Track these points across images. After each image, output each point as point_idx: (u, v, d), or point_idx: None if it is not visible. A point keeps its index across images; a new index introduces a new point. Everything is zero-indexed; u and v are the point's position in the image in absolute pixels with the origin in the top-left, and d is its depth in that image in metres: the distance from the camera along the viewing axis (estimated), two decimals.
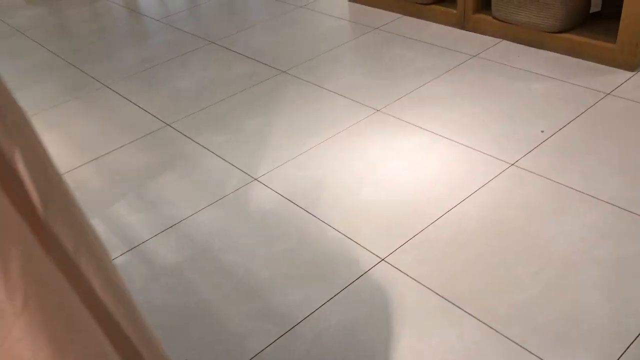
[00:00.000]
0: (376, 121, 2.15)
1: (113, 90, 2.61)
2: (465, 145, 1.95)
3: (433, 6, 2.79)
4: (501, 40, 2.58)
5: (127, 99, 2.53)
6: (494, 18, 2.58)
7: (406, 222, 1.67)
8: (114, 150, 2.19)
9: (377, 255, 1.57)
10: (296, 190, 1.85)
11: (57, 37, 3.29)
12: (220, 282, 1.56)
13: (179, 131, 2.24)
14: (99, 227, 1.81)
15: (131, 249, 1.71)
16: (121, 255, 1.70)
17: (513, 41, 2.55)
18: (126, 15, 3.48)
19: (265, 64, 2.65)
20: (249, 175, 1.95)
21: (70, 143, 2.26)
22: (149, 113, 2.39)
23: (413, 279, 1.49)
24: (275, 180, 1.91)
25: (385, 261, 1.55)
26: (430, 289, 1.46)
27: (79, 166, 2.12)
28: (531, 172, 1.80)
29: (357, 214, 1.73)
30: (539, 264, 1.49)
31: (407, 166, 1.90)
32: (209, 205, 1.84)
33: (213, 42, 2.94)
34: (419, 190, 1.79)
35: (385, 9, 3.01)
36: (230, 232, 1.73)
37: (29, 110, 2.53)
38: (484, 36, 2.63)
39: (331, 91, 2.37)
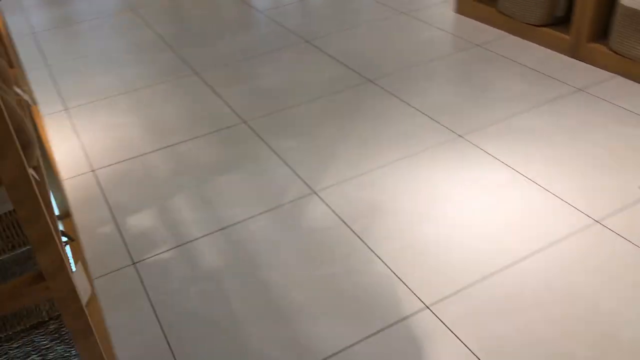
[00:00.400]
0: (455, 148, 2.00)
1: (202, 79, 2.63)
2: (547, 190, 1.76)
3: (544, 29, 2.56)
4: (615, 75, 2.32)
5: (212, 89, 2.54)
6: (611, 50, 2.32)
7: (462, 268, 1.53)
8: (187, 140, 2.20)
9: (422, 301, 1.45)
10: (353, 211, 1.76)
11: (165, 18, 3.39)
12: (254, 298, 1.51)
13: (253, 130, 2.22)
14: (154, 217, 1.82)
15: (178, 246, 1.71)
16: (167, 250, 1.69)
17: (629, 78, 2.27)
18: (234, 4, 3.52)
19: (354, 70, 2.56)
20: (309, 187, 1.88)
21: (149, 126, 2.30)
22: (229, 107, 2.39)
23: (455, 335, 1.36)
24: (334, 197, 1.82)
25: (430, 309, 1.43)
26: (471, 351, 1.32)
27: (152, 151, 2.15)
28: (618, 234, 1.59)
29: (410, 249, 1.60)
30: (603, 346, 1.30)
31: (477, 204, 1.74)
32: (263, 213, 1.79)
33: (308, 42, 2.89)
34: (485, 235, 1.63)
35: (492, 25, 2.81)
36: (277, 245, 1.67)
37: (119, 88, 2.63)
38: (596, 69, 2.37)
39: (415, 108, 2.24)
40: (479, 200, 1.76)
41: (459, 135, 2.06)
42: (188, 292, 1.55)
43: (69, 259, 0.84)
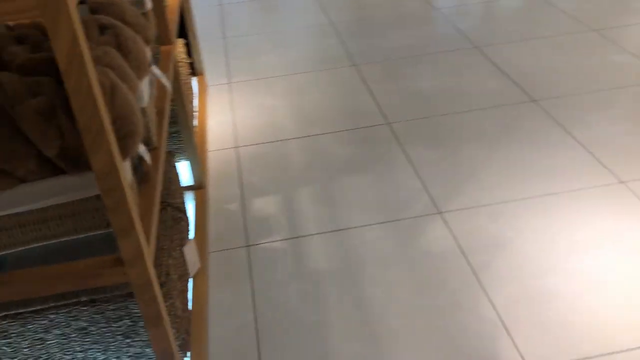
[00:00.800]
0: (613, 194, 1.75)
1: (358, 72, 2.62)
2: None
3: None
4: None
5: (366, 84, 2.51)
6: None
7: (582, 336, 1.34)
8: (328, 132, 2.20)
9: None
10: (475, 243, 1.63)
11: (341, 5, 3.41)
12: (350, 311, 1.47)
13: (394, 133, 2.15)
14: (278, 204, 1.86)
15: (292, 238, 1.72)
16: (280, 240, 1.72)
17: None
18: None
19: (518, 86, 2.36)
20: (435, 205, 1.78)
21: (297, 113, 2.35)
22: (377, 105, 2.34)
23: None
24: (459, 223, 1.70)
25: None
26: None
27: (293, 138, 2.19)
28: None
29: (528, 300, 1.45)
30: None
31: (618, 265, 1.51)
32: (381, 223, 1.74)
33: (477, 47, 2.73)
34: (622, 304, 1.41)
35: None
36: (387, 261, 1.61)
37: (281, 69, 2.71)
38: None
39: (577, 140, 2.00)
40: (625, 261, 1.53)
41: (622, 182, 1.80)
42: (289, 287, 1.56)
43: (148, 246, 0.88)
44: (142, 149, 1.02)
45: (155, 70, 1.18)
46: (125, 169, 0.90)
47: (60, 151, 0.84)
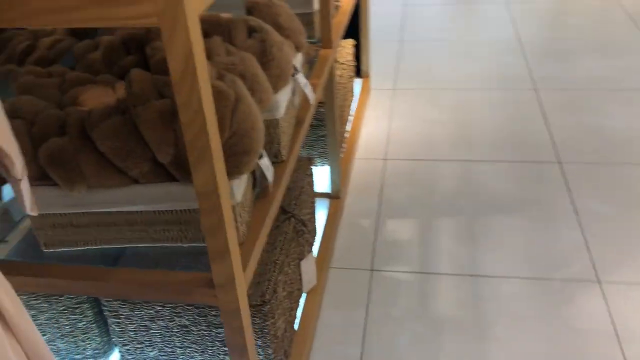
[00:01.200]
0: None
1: (537, 97, 2.35)
2: None
3: None
4: None
5: (543, 112, 2.24)
6: None
7: None
8: (487, 160, 2.00)
9: None
10: (636, 328, 1.35)
11: (534, 19, 3.11)
12: None
13: (564, 175, 1.89)
14: (413, 231, 1.72)
15: (420, 273, 1.58)
16: (407, 272, 1.59)
17: None
18: (623, 22, 3.01)
19: None
20: (595, 271, 1.52)
21: (458, 133, 2.17)
22: (551, 139, 2.08)
23: None
24: (620, 298, 1.43)
25: None
26: None
27: (447, 160, 2.02)
28: None
29: None
30: None
31: None
32: (525, 278, 1.53)
33: None
34: None
35: None
36: (523, 324, 1.40)
37: (450, 82, 2.52)
38: None
39: None
40: None
41: None
42: (405, 326, 1.43)
43: (240, 269, 0.82)
44: (265, 164, 0.96)
45: (301, 79, 1.12)
46: (237, 186, 0.84)
47: (174, 159, 0.80)
